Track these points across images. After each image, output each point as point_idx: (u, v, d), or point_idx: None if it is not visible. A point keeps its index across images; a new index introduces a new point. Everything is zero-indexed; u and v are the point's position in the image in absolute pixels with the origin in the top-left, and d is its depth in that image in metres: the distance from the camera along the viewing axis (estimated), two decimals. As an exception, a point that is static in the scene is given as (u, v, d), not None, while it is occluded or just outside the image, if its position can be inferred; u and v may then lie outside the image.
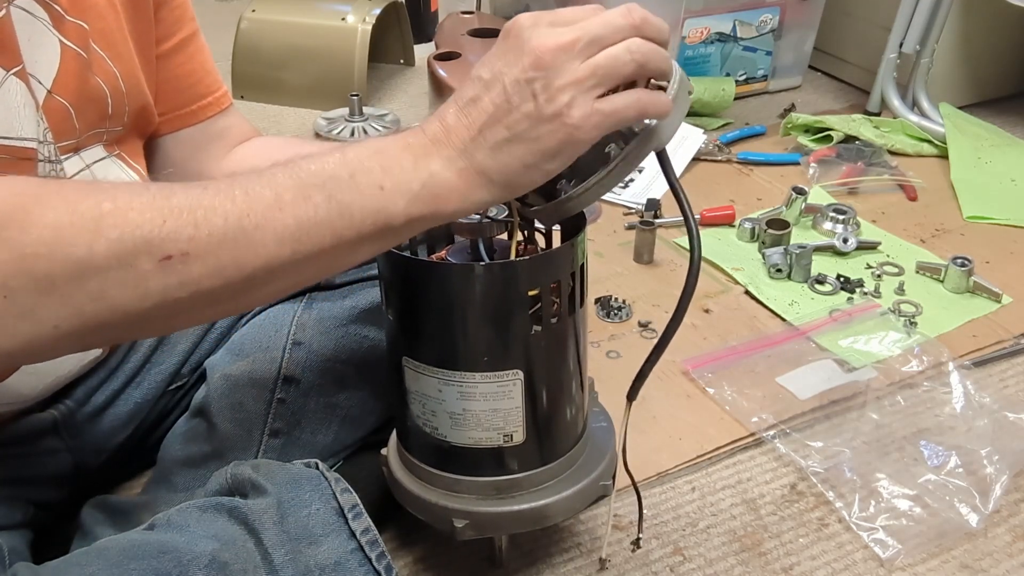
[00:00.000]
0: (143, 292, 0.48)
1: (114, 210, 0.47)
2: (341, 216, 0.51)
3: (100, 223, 0.47)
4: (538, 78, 0.52)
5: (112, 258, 0.47)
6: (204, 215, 0.49)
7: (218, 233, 0.49)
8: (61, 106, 0.66)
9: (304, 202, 0.51)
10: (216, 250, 0.49)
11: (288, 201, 0.51)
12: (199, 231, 0.48)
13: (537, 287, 0.63)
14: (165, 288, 0.48)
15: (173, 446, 0.83)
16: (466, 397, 0.65)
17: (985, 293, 1.18)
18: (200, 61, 0.83)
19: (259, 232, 0.50)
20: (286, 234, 0.50)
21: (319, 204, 0.51)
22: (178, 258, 0.48)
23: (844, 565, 0.83)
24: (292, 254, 0.51)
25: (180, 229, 0.48)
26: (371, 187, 0.52)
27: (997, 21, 1.69)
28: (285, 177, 0.51)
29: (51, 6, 0.65)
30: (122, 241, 0.47)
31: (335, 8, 1.77)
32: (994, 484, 0.89)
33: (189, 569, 0.54)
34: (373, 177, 0.52)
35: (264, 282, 0.52)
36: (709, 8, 1.68)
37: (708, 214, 1.36)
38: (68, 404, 0.79)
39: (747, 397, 1.01)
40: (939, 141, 1.58)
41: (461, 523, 0.68)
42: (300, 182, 0.51)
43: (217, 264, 0.49)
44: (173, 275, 0.48)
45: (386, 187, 0.52)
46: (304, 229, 0.51)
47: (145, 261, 0.47)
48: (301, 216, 0.51)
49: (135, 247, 0.47)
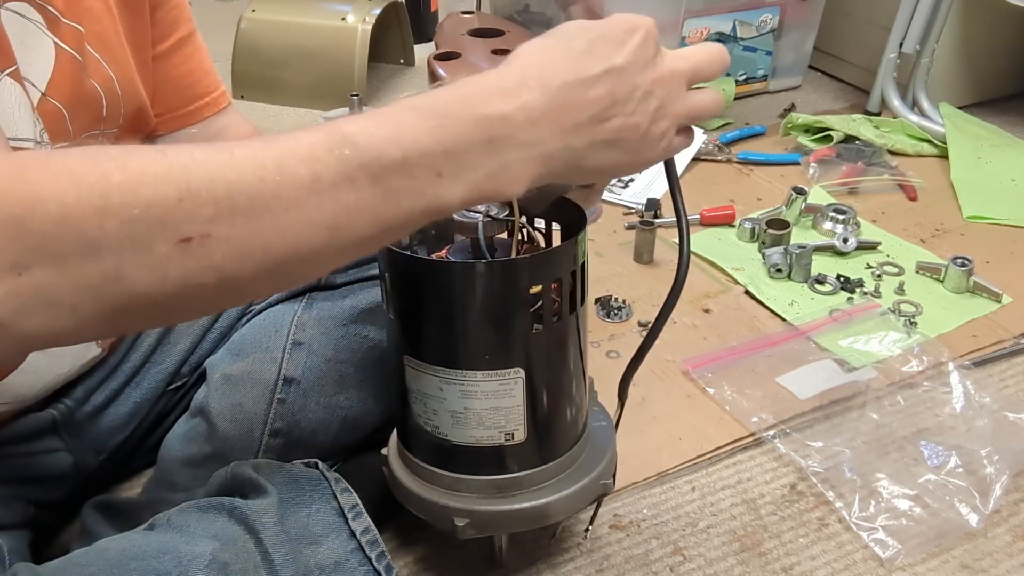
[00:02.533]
0: (162, 275, 0.43)
1: (124, 183, 0.42)
2: (387, 203, 0.45)
3: (108, 199, 0.41)
4: (658, 95, 0.52)
5: (125, 239, 0.42)
6: (227, 192, 0.43)
7: (243, 215, 0.43)
8: (55, 108, 0.66)
9: (346, 185, 0.44)
10: (241, 233, 0.43)
11: (327, 183, 0.44)
12: (220, 211, 0.42)
13: (538, 286, 0.63)
14: (187, 272, 0.43)
15: (173, 446, 0.83)
16: (467, 396, 0.65)
17: (985, 293, 1.18)
18: (198, 61, 0.83)
19: (290, 216, 0.44)
20: (322, 221, 0.44)
21: (362, 188, 0.45)
22: (198, 240, 0.42)
23: (844, 565, 0.83)
24: (328, 242, 0.45)
25: (199, 208, 0.42)
26: (427, 172, 0.46)
27: (997, 21, 1.69)
28: (325, 152, 0.44)
29: (45, 8, 0.65)
30: (133, 221, 0.42)
31: (335, 8, 1.77)
32: (994, 484, 0.89)
33: (189, 569, 0.54)
34: (431, 160, 0.45)
35: (296, 270, 0.47)
36: (709, 8, 1.68)
37: (708, 214, 1.35)
38: (68, 403, 0.79)
39: (747, 397, 1.01)
40: (939, 141, 1.58)
41: (462, 522, 0.68)
42: (342, 160, 0.44)
43: (243, 249, 0.44)
44: (193, 258, 0.43)
45: (445, 173, 0.46)
46: (343, 215, 0.45)
47: (161, 243, 0.42)
48: (341, 201, 0.44)
49: (148, 228, 0.42)
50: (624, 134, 0.51)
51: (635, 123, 0.51)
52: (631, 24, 0.52)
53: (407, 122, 0.46)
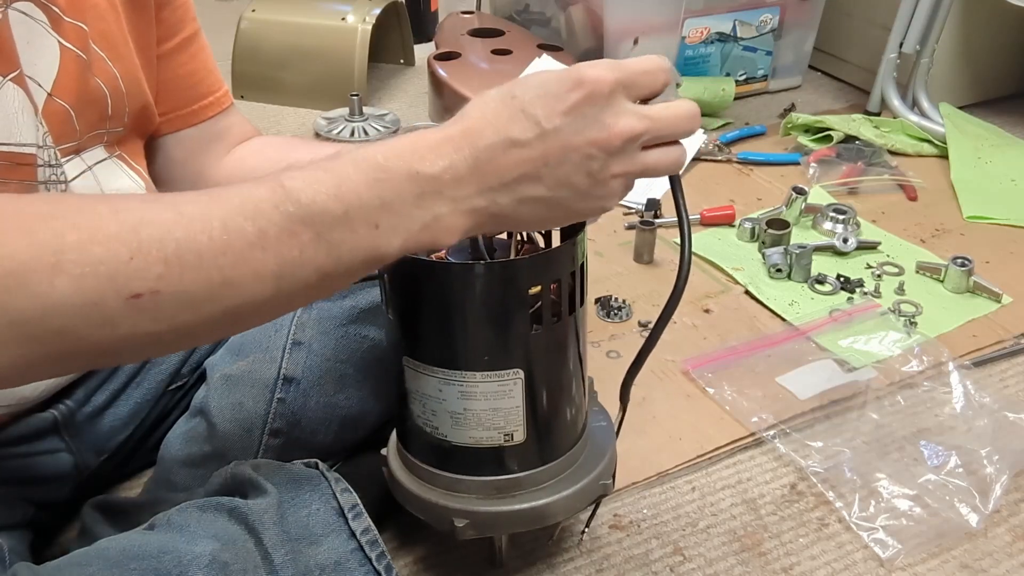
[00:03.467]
0: (112, 328, 0.45)
1: (77, 243, 0.44)
2: (329, 256, 0.48)
3: (61, 256, 0.43)
4: (599, 159, 0.51)
5: (75, 295, 0.43)
6: (175, 251, 0.45)
7: (191, 271, 0.45)
8: (61, 108, 0.66)
9: (289, 240, 0.47)
10: (189, 287, 0.46)
11: (272, 238, 0.47)
12: (170, 269, 0.45)
13: (537, 286, 0.63)
14: (136, 324, 0.45)
15: (173, 446, 0.83)
16: (467, 396, 0.65)
17: (985, 293, 1.18)
18: (201, 61, 0.83)
19: (237, 271, 0.46)
20: (267, 273, 0.47)
21: (306, 244, 0.47)
22: (148, 296, 0.45)
23: (844, 565, 0.83)
24: (275, 292, 0.48)
25: (149, 267, 0.44)
26: (365, 225, 0.48)
27: (997, 21, 1.69)
28: (270, 207, 0.47)
29: (49, 7, 0.65)
30: (85, 278, 0.43)
31: (335, 8, 1.77)
32: (994, 484, 0.89)
33: (189, 569, 0.54)
34: (368, 213, 0.48)
35: (244, 316, 0.49)
36: (709, 8, 1.68)
37: (708, 214, 1.36)
38: (68, 404, 0.79)
39: (747, 397, 1.01)
40: (939, 141, 1.58)
41: (461, 523, 0.68)
42: (287, 216, 0.47)
43: (191, 301, 0.46)
44: (144, 313, 0.45)
45: (382, 225, 0.49)
46: (288, 268, 0.48)
47: (111, 298, 0.44)
48: (285, 255, 0.47)
49: (99, 284, 0.44)
50: (558, 193, 0.52)
51: (571, 183, 0.51)
52: (580, 78, 0.51)
53: (348, 176, 0.49)
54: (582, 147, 0.51)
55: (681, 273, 0.62)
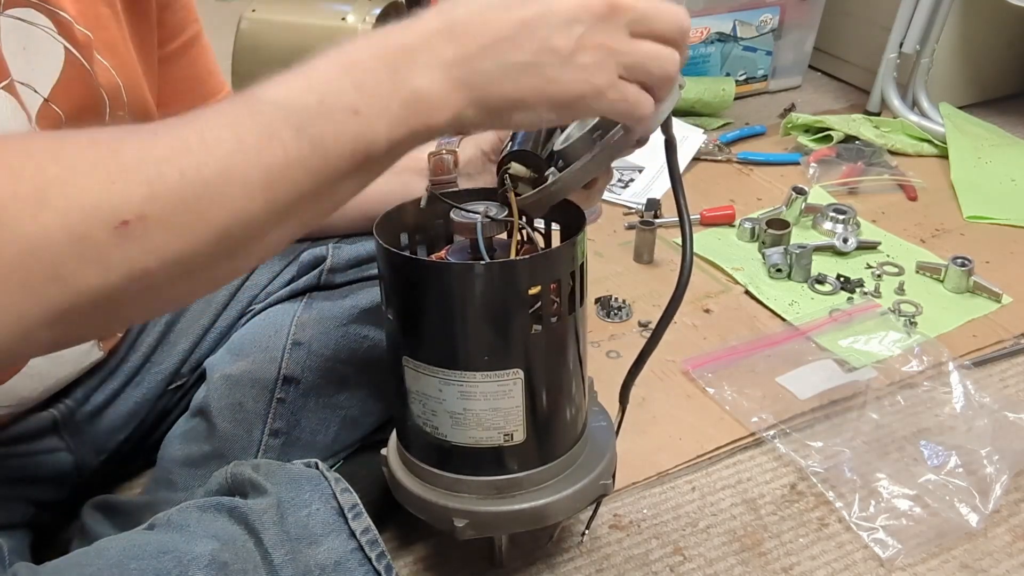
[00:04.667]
0: (104, 266, 0.42)
1: (60, 174, 0.42)
2: (314, 152, 0.46)
3: (46, 191, 0.41)
4: (584, 20, 0.49)
5: (62, 230, 0.41)
6: (157, 170, 0.43)
7: (175, 190, 0.43)
8: (56, 114, 0.66)
9: (270, 142, 0.45)
10: (177, 209, 0.43)
11: (251, 143, 0.44)
12: (153, 189, 0.42)
13: (537, 286, 0.63)
14: (128, 258, 0.43)
15: (173, 446, 0.83)
16: (466, 396, 0.65)
17: (985, 293, 1.18)
18: (203, 63, 0.83)
19: (222, 182, 0.44)
20: (254, 181, 0.44)
21: (287, 142, 0.45)
22: (135, 223, 0.42)
23: (844, 565, 0.83)
24: (266, 203, 0.45)
25: (132, 189, 0.42)
26: (343, 111, 0.46)
27: (997, 21, 1.69)
28: (246, 114, 0.45)
29: (56, 14, 0.64)
30: (70, 210, 0.41)
31: (335, 8, 1.77)
32: (994, 484, 0.89)
33: (189, 569, 0.54)
34: (345, 98, 0.46)
35: (241, 242, 0.46)
36: (709, 8, 1.68)
37: (708, 214, 1.35)
38: (68, 404, 0.79)
39: (747, 397, 1.01)
40: (939, 141, 1.58)
41: (461, 523, 0.68)
42: (263, 118, 0.45)
43: (181, 225, 0.43)
44: (134, 242, 0.42)
45: (361, 110, 0.46)
46: (275, 174, 0.45)
47: (99, 230, 0.42)
48: (269, 159, 0.45)
49: (84, 215, 0.42)
50: (541, 58, 0.48)
51: (553, 46, 0.48)
52: None
53: (318, 69, 0.47)
54: (563, 10, 0.49)
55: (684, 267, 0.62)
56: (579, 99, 0.50)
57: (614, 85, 0.51)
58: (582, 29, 0.49)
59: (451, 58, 0.48)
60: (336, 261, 0.84)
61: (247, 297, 0.87)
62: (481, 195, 0.69)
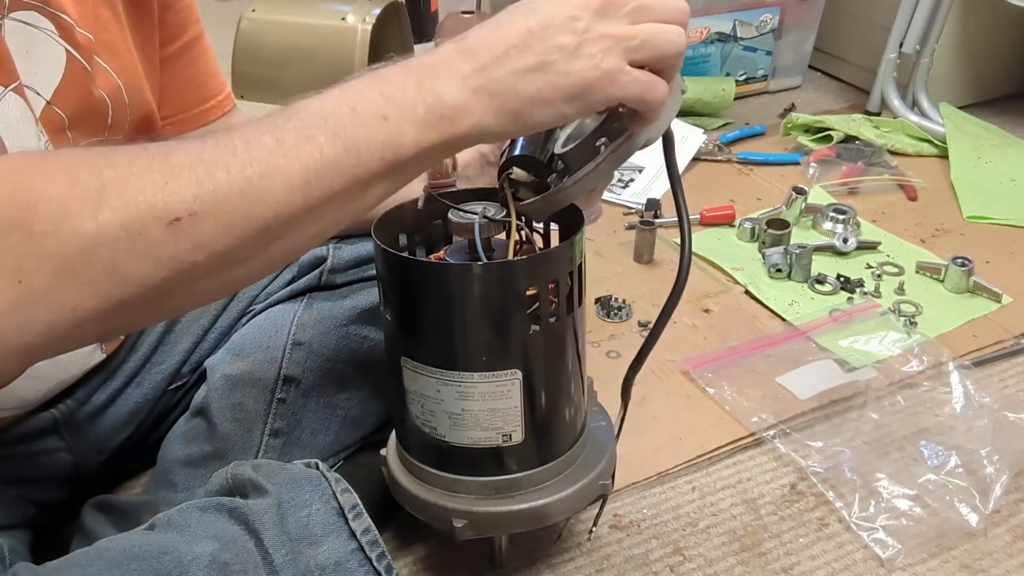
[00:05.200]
0: (156, 260, 0.46)
1: (115, 177, 0.46)
2: (348, 154, 0.50)
3: (103, 192, 0.45)
4: (584, 17, 0.52)
5: (119, 227, 0.45)
6: (206, 171, 0.47)
7: (223, 187, 0.47)
8: (58, 117, 0.66)
9: (307, 143, 0.49)
10: (224, 205, 0.47)
11: (291, 145, 0.49)
12: (203, 188, 0.47)
13: (535, 287, 0.63)
14: (178, 253, 0.47)
15: (173, 446, 0.83)
16: (465, 397, 0.65)
17: (985, 293, 1.18)
18: (204, 64, 0.83)
19: (265, 181, 0.48)
20: (294, 180, 0.49)
21: (323, 144, 0.49)
22: (186, 219, 0.46)
23: (844, 565, 0.83)
24: (304, 200, 0.49)
25: (183, 188, 0.46)
26: (374, 117, 0.50)
27: (997, 21, 1.69)
28: (284, 120, 0.50)
29: (58, 17, 0.64)
30: (127, 208, 0.45)
31: (335, 8, 1.77)
32: (994, 484, 0.89)
33: (189, 569, 0.54)
34: (375, 107, 0.50)
35: (279, 235, 0.50)
36: (709, 8, 1.68)
37: (708, 214, 1.36)
38: (68, 404, 0.79)
39: (747, 397, 1.01)
40: (939, 141, 1.57)
41: (460, 523, 0.68)
42: (300, 123, 0.50)
43: (228, 220, 0.48)
44: (184, 238, 0.47)
45: (390, 116, 0.50)
46: (312, 172, 0.49)
47: (153, 226, 0.46)
48: (306, 159, 0.49)
49: (140, 213, 0.46)
50: (550, 56, 0.52)
51: (559, 44, 0.52)
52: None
53: (350, 84, 0.52)
54: (564, 10, 0.52)
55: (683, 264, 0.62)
56: (592, 85, 0.53)
57: (623, 69, 0.53)
58: (583, 24, 0.52)
59: (468, 71, 0.52)
60: (336, 261, 0.84)
61: (247, 297, 0.87)
62: (479, 195, 0.69)
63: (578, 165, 0.60)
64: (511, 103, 0.52)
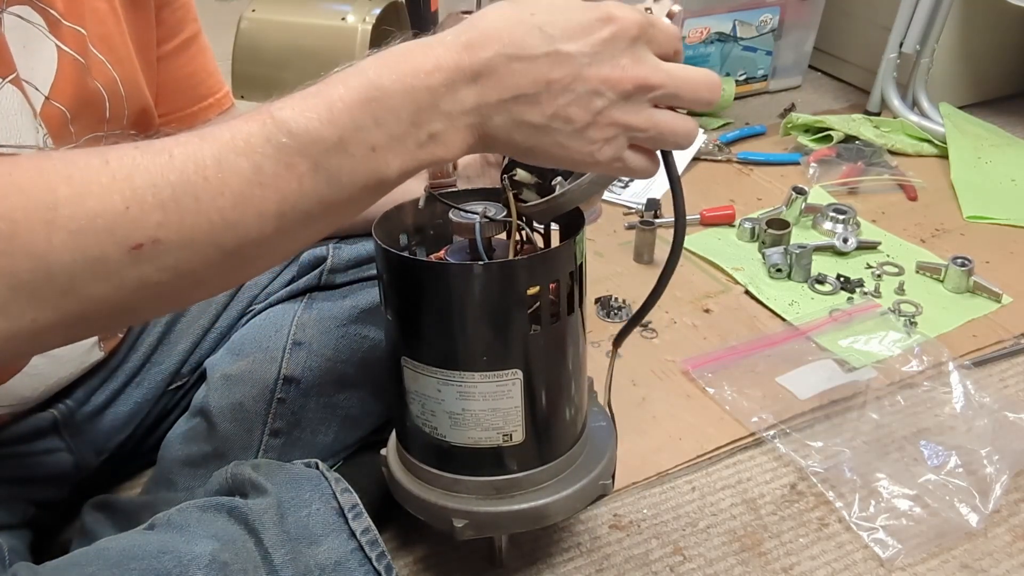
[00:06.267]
0: (117, 282, 0.44)
1: (71, 196, 0.42)
2: (329, 185, 0.47)
3: (56, 212, 0.42)
4: (606, 97, 0.49)
5: (75, 250, 0.42)
6: (172, 196, 0.43)
7: (190, 216, 0.44)
8: (58, 111, 0.66)
9: (287, 173, 0.45)
10: (191, 233, 0.44)
11: (268, 173, 0.45)
12: (168, 216, 0.43)
13: (536, 286, 0.63)
14: (140, 276, 0.44)
15: (173, 446, 0.83)
16: (465, 397, 0.65)
17: (985, 293, 1.18)
18: (202, 62, 0.83)
19: (238, 212, 0.45)
20: (269, 210, 0.46)
21: (304, 175, 0.46)
22: (149, 245, 0.43)
23: (844, 565, 0.83)
24: (277, 229, 0.46)
25: (146, 215, 0.43)
26: (362, 148, 0.47)
27: (997, 21, 1.69)
28: (262, 141, 0.45)
29: (47, 11, 0.64)
30: (83, 233, 0.42)
31: (335, 8, 1.77)
32: (994, 484, 0.89)
33: (189, 569, 0.54)
34: (364, 135, 0.47)
35: (251, 258, 0.48)
36: (709, 8, 1.68)
37: (708, 214, 1.35)
38: (68, 404, 0.79)
39: (747, 397, 1.01)
40: (939, 141, 1.58)
41: (460, 523, 0.68)
42: (280, 149, 0.45)
43: (194, 247, 0.45)
44: (146, 263, 0.44)
45: (379, 148, 0.47)
46: (288, 204, 0.46)
47: (112, 251, 0.43)
48: (284, 190, 0.46)
49: (98, 237, 0.43)
50: (555, 124, 0.49)
51: (569, 115, 0.49)
52: (610, 15, 0.49)
53: (339, 98, 0.47)
54: (591, 80, 0.48)
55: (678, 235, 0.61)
56: (580, 164, 0.52)
57: (620, 158, 0.52)
58: (602, 104, 0.49)
59: (470, 105, 0.48)
60: (336, 261, 0.84)
61: (247, 297, 0.87)
62: (480, 195, 0.69)
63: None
64: (498, 145, 0.51)
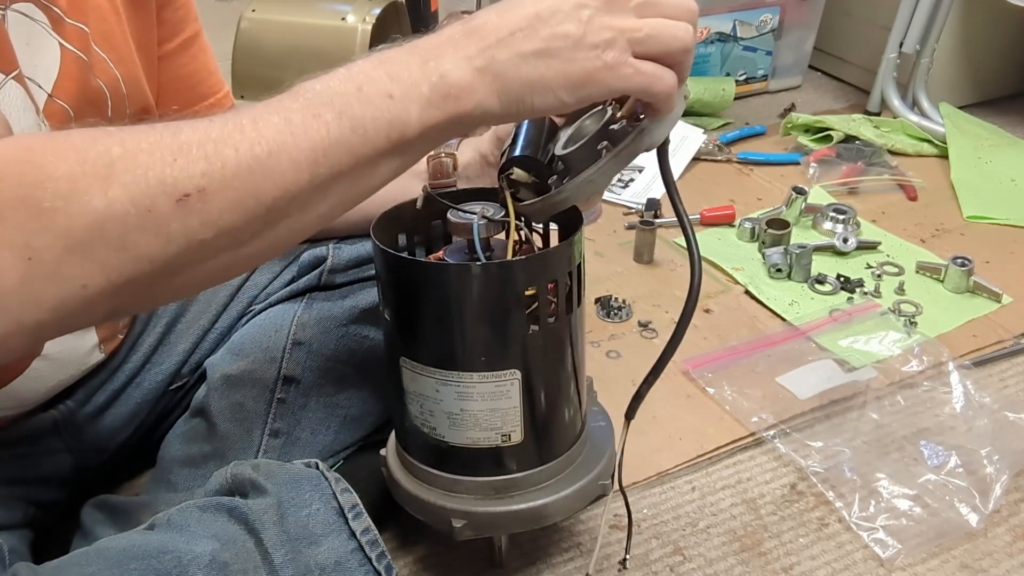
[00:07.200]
0: (166, 236, 0.47)
1: (124, 154, 0.46)
2: (354, 132, 0.50)
3: (112, 168, 0.46)
4: (591, 7, 0.53)
5: (129, 203, 0.46)
6: (214, 148, 0.48)
7: (231, 165, 0.48)
8: (61, 109, 0.66)
9: (314, 122, 0.50)
10: (232, 182, 0.48)
11: (298, 123, 0.49)
12: (211, 165, 0.47)
13: (534, 287, 0.63)
14: (187, 229, 0.47)
15: (173, 446, 0.83)
16: (464, 397, 0.65)
17: (985, 293, 1.18)
18: (202, 62, 0.83)
19: (273, 159, 0.49)
20: (301, 158, 0.49)
21: (330, 123, 0.50)
22: (195, 196, 0.47)
23: (844, 565, 0.83)
24: (311, 178, 0.50)
25: (192, 165, 0.47)
26: (380, 96, 0.51)
27: (997, 21, 1.69)
28: (292, 100, 0.51)
29: (50, 9, 0.65)
30: (136, 184, 0.46)
31: (335, 8, 1.77)
32: (994, 484, 0.89)
33: (189, 569, 0.54)
34: (380, 86, 0.51)
35: (287, 213, 0.50)
36: (709, 8, 1.68)
37: (708, 214, 1.36)
38: (69, 404, 0.79)
39: (747, 397, 1.01)
40: (939, 141, 1.57)
41: (459, 523, 0.68)
42: (307, 103, 0.50)
43: (236, 197, 0.48)
44: (193, 214, 0.47)
45: (395, 95, 0.51)
46: (319, 151, 0.50)
47: (163, 202, 0.46)
48: (314, 137, 0.49)
49: (149, 189, 0.46)
50: (555, 43, 0.52)
51: (564, 31, 0.52)
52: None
53: (355, 64, 0.53)
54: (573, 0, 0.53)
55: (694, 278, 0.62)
56: (593, 76, 0.53)
57: (626, 61, 0.54)
58: (589, 13, 0.53)
59: (474, 51, 0.52)
60: (336, 261, 0.84)
61: (247, 297, 0.87)
62: (478, 196, 0.69)
63: (579, 168, 0.60)
64: (513, 86, 0.53)
